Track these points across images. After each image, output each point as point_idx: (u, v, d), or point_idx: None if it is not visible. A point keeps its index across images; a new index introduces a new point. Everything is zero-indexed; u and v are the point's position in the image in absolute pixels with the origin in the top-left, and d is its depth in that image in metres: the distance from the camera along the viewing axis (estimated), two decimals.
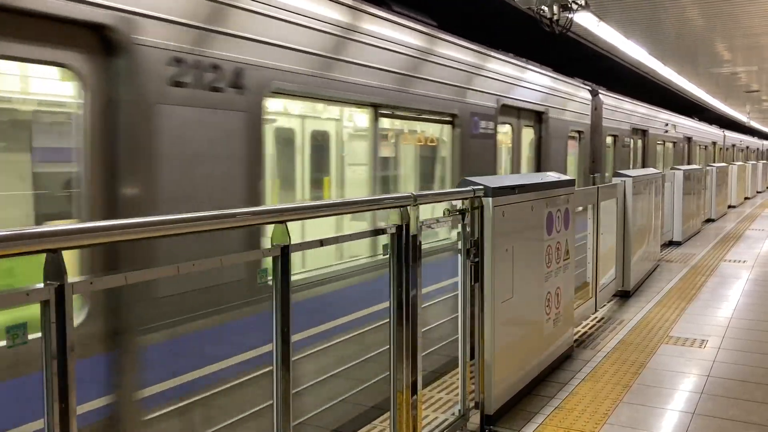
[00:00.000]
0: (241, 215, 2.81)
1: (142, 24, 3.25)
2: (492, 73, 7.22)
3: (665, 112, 16.78)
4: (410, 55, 5.75)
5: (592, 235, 7.36)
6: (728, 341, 6.31)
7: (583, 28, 9.90)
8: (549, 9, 7.74)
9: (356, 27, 5.02)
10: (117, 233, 2.20)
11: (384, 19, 5.44)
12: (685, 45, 12.58)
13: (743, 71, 16.58)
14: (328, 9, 4.69)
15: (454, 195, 4.25)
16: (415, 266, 3.60)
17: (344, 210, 3.94)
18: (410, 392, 3.61)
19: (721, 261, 10.93)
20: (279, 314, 2.79)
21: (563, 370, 5.48)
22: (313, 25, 4.49)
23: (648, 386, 5.12)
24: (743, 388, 5.13)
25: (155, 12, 3.33)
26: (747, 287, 8.81)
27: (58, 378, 1.92)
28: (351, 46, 4.93)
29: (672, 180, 12.72)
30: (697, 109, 25.44)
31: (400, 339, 3.57)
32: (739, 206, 22.18)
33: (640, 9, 9.50)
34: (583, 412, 4.62)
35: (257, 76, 3.94)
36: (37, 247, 1.90)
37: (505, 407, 4.57)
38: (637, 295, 8.30)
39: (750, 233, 14.76)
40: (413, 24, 5.89)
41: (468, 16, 10.40)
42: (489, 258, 4.32)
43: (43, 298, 1.89)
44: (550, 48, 10.95)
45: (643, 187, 8.83)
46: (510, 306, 4.61)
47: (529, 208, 4.89)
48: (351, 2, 5.03)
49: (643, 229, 8.99)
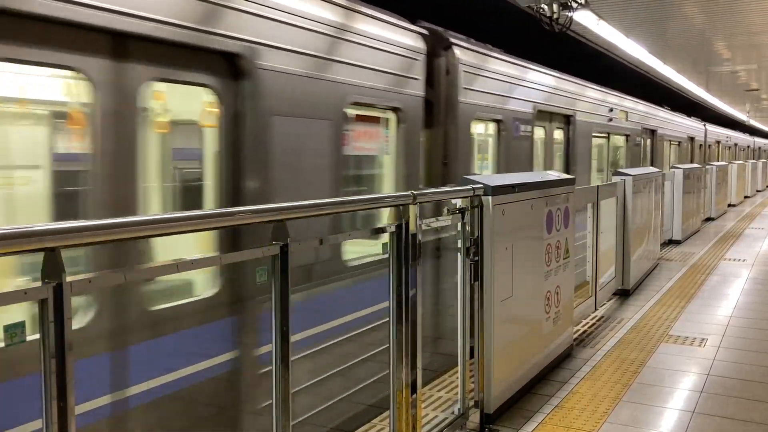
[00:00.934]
0: (239, 214, 2.81)
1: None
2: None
3: (611, 93, 11.77)
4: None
5: (592, 233, 7.35)
6: (728, 340, 6.31)
7: (583, 27, 9.89)
8: (549, 7, 7.73)
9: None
10: (115, 232, 2.19)
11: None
12: (685, 43, 12.57)
13: (743, 70, 16.58)
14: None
15: (455, 193, 4.24)
16: (415, 265, 3.60)
17: (343, 208, 3.93)
18: (410, 391, 3.61)
19: (721, 260, 10.93)
20: (278, 313, 2.78)
21: (563, 368, 5.47)
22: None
23: (648, 385, 5.12)
24: (743, 386, 5.13)
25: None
26: (747, 286, 8.81)
27: (56, 377, 1.91)
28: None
29: (672, 179, 12.72)
30: (688, 105, 24.58)
31: (399, 338, 3.57)
32: (739, 205, 22.19)
33: (639, 7, 9.50)
34: (582, 411, 4.61)
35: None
36: (35, 245, 1.89)
37: (505, 406, 4.57)
38: (637, 294, 8.30)
39: (750, 232, 14.77)
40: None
41: (467, 14, 10.38)
42: (489, 257, 4.32)
43: (42, 296, 1.89)
44: (550, 46, 10.94)
45: (642, 186, 8.83)
46: (509, 305, 4.60)
47: (529, 207, 4.88)
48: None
49: (642, 228, 8.99)
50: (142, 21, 3.26)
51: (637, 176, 8.49)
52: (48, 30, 2.94)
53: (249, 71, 3.89)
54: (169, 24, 3.38)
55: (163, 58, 3.48)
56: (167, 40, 3.41)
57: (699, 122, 21.90)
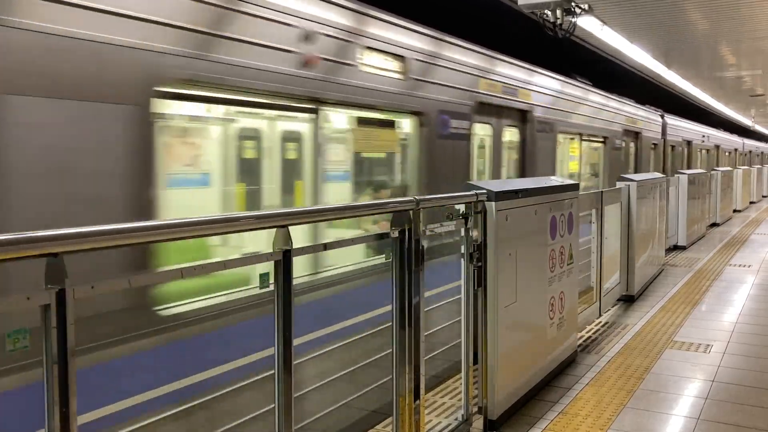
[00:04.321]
0: (244, 219, 2.81)
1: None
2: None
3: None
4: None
5: (596, 239, 7.34)
6: (733, 346, 6.28)
7: (587, 32, 9.89)
8: (552, 13, 7.73)
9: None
10: (119, 237, 2.19)
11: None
12: (690, 49, 12.55)
13: (748, 75, 16.54)
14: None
15: (458, 199, 4.24)
16: (418, 270, 3.59)
17: (346, 214, 3.93)
18: (413, 397, 3.61)
19: (726, 265, 10.88)
20: (281, 318, 2.78)
21: (567, 375, 5.46)
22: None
23: (652, 391, 5.10)
24: (749, 393, 5.11)
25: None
26: (752, 292, 8.77)
27: (59, 383, 1.91)
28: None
29: (677, 184, 12.68)
30: (700, 113, 24.21)
31: (402, 343, 3.57)
32: (745, 210, 22.11)
33: (644, 13, 9.49)
34: (586, 418, 4.60)
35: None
36: (38, 251, 1.89)
37: (509, 412, 4.55)
38: (642, 300, 8.27)
39: (755, 237, 14.71)
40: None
41: (471, 20, 10.40)
42: (492, 262, 4.31)
43: (44, 302, 1.89)
44: (555, 52, 10.95)
45: (647, 191, 8.81)
46: (513, 310, 4.59)
47: (532, 212, 4.88)
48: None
49: (647, 233, 8.97)
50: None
51: (642, 182, 8.47)
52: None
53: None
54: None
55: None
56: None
57: (655, 113, 15.88)
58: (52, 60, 2.95)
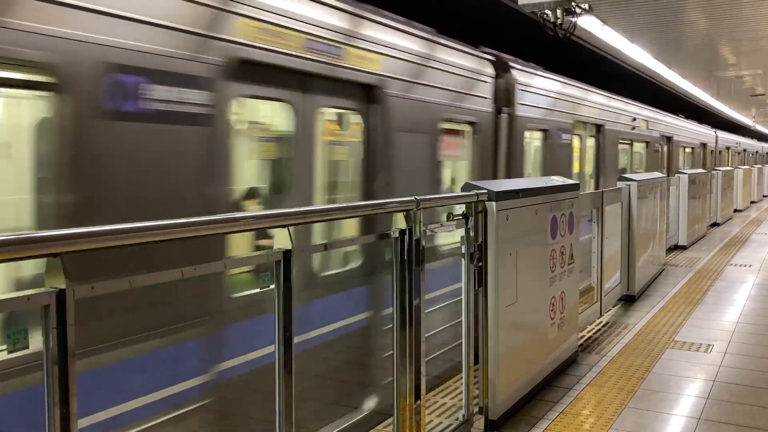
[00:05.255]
0: (244, 219, 2.81)
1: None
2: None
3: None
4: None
5: (597, 239, 7.33)
6: (734, 346, 6.28)
7: (587, 32, 9.89)
8: (552, 13, 7.72)
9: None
10: (118, 238, 2.19)
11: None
12: (690, 48, 12.56)
13: (748, 75, 16.54)
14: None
15: (458, 199, 4.24)
16: (419, 270, 3.59)
17: (347, 214, 3.93)
18: (413, 397, 3.60)
19: (727, 265, 10.88)
20: (281, 320, 2.78)
21: (568, 375, 5.45)
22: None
23: (653, 391, 5.09)
24: (750, 392, 5.10)
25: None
26: (753, 292, 8.76)
27: (59, 383, 1.91)
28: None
29: (677, 184, 12.68)
30: (700, 113, 24.08)
31: (403, 343, 3.56)
32: (745, 210, 22.11)
33: (644, 12, 9.49)
34: (587, 418, 4.59)
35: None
36: (38, 251, 1.89)
37: (510, 412, 4.55)
38: (642, 300, 8.27)
39: (756, 237, 14.70)
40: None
41: (468, 19, 10.39)
42: (493, 262, 4.31)
43: (44, 303, 1.89)
44: (555, 51, 10.94)
45: (647, 191, 8.81)
46: (514, 310, 4.59)
47: (533, 212, 4.87)
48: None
49: (648, 233, 8.96)
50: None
51: (642, 181, 8.47)
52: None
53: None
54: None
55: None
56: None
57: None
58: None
